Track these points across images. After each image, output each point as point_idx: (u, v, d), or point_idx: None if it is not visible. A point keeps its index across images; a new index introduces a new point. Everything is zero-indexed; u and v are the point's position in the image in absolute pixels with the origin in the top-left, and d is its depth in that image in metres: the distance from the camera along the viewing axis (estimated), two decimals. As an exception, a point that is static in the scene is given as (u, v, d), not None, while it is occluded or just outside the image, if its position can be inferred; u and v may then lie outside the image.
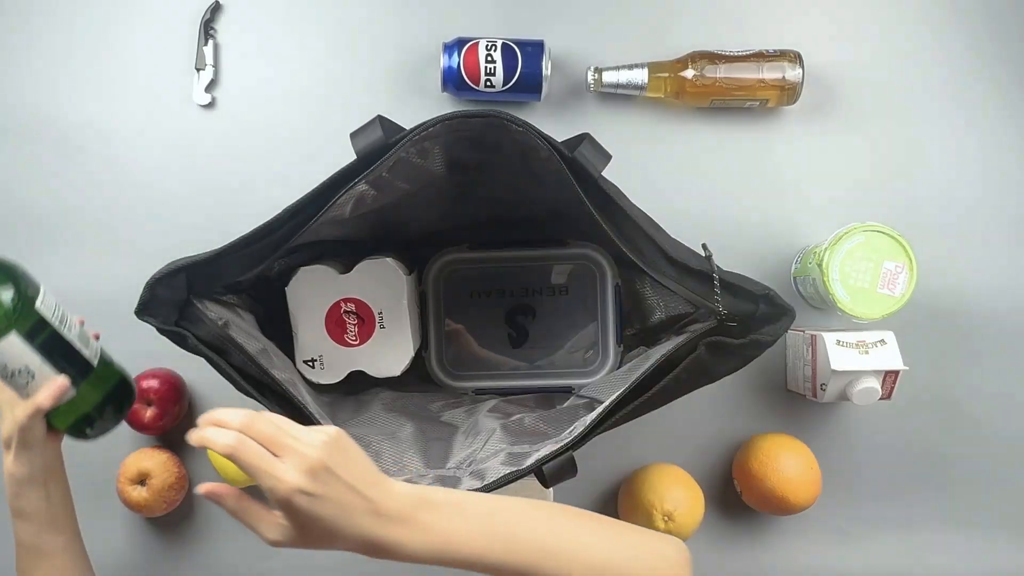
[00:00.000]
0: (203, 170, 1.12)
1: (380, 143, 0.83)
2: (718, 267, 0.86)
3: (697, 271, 0.87)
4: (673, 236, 0.89)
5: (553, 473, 0.85)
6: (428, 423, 1.01)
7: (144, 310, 0.83)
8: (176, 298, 0.84)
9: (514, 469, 0.86)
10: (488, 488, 0.85)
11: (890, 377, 1.02)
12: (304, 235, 0.86)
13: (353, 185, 0.83)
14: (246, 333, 0.88)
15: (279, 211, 0.86)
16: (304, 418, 0.87)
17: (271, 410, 0.86)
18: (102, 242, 1.11)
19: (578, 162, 0.83)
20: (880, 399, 1.03)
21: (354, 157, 0.84)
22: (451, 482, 0.88)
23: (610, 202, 0.85)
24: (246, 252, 0.86)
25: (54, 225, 1.11)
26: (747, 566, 1.13)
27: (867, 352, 1.03)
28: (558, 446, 0.86)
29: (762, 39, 1.11)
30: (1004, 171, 1.12)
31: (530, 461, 0.86)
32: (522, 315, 1.08)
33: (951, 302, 1.12)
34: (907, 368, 1.02)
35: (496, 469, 0.87)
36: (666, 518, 1.05)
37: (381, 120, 0.84)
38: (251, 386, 0.86)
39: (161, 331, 0.84)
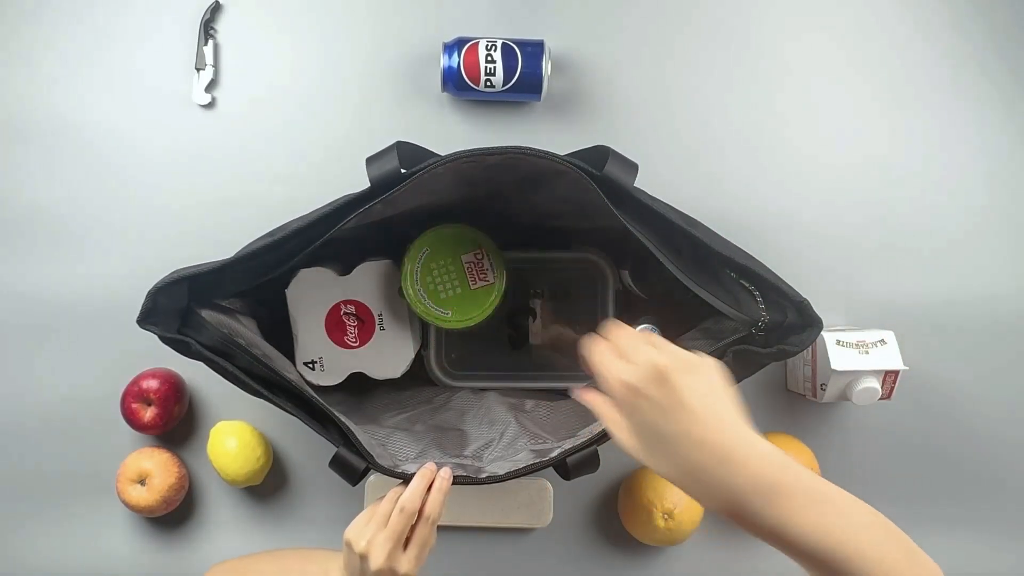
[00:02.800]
0: (203, 170, 1.12)
1: (395, 174, 0.83)
2: (761, 264, 0.86)
3: (740, 266, 0.86)
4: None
5: (576, 465, 0.87)
6: (438, 415, 1.02)
7: (146, 319, 0.83)
8: (177, 306, 0.84)
9: (539, 460, 0.87)
10: (510, 476, 0.87)
11: (890, 377, 1.02)
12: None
13: (364, 210, 0.83)
14: (247, 341, 0.88)
15: (284, 224, 0.86)
16: (318, 413, 0.87)
17: (284, 408, 0.87)
18: (101, 242, 1.11)
19: (609, 178, 0.84)
20: (880, 399, 1.03)
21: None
22: (472, 470, 0.90)
23: (645, 209, 0.85)
24: (249, 266, 0.86)
25: (53, 225, 1.11)
26: (747, 566, 1.13)
27: (867, 352, 1.03)
28: (581, 440, 0.87)
29: (759, 48, 1.11)
30: (1007, 171, 1.12)
31: (554, 454, 0.87)
32: (523, 316, 1.08)
33: (952, 302, 1.12)
34: (907, 368, 1.02)
35: (519, 460, 0.89)
36: (666, 516, 1.05)
37: (399, 146, 0.84)
38: (261, 386, 0.86)
39: (163, 339, 0.84)
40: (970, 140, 1.12)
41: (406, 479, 0.87)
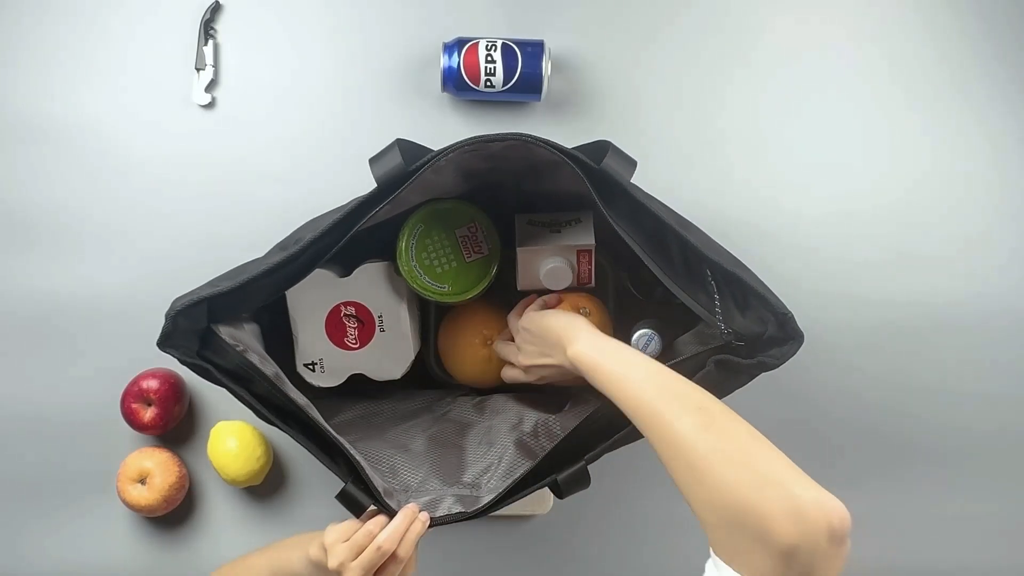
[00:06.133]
0: (203, 170, 1.12)
1: (400, 171, 0.83)
2: (750, 272, 0.86)
3: (727, 272, 0.86)
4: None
5: (568, 484, 0.88)
6: (437, 426, 1.02)
7: (166, 342, 0.82)
8: (197, 327, 0.84)
9: (534, 483, 0.88)
10: (504, 497, 0.88)
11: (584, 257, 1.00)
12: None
13: (375, 212, 0.83)
14: (260, 356, 0.88)
15: (296, 236, 0.86)
16: (326, 443, 0.88)
17: (294, 437, 0.87)
18: (101, 242, 1.11)
19: (606, 173, 0.84)
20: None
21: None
22: (469, 501, 0.90)
23: (639, 207, 0.85)
24: (267, 282, 0.85)
25: (54, 225, 1.11)
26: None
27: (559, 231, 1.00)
28: (577, 466, 0.88)
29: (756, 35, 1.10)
30: (1009, 170, 1.13)
31: (547, 478, 0.88)
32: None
33: (959, 304, 1.12)
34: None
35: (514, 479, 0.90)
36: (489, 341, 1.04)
37: (399, 144, 0.84)
38: (274, 416, 0.86)
39: (183, 363, 0.84)
40: (974, 142, 1.12)
41: (389, 512, 0.88)
